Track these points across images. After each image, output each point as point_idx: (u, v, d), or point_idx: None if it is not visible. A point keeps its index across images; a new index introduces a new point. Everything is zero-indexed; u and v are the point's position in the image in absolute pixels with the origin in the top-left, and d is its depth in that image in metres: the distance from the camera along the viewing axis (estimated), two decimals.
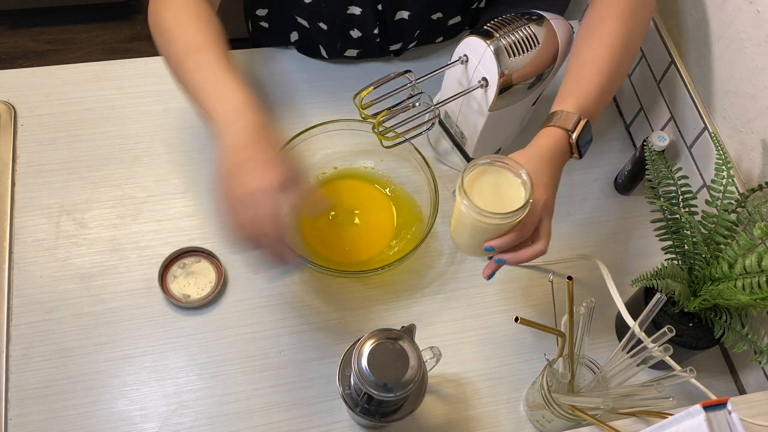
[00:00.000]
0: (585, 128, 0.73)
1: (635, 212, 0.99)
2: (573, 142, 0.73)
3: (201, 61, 0.72)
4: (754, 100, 0.81)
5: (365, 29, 0.99)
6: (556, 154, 0.73)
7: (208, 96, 0.70)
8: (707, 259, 0.77)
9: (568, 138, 0.73)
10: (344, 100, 1.01)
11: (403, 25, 1.00)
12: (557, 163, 0.74)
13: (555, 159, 0.73)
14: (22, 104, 0.98)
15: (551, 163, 0.73)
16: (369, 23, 0.98)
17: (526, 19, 0.81)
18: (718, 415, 0.53)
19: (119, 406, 0.78)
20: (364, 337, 0.67)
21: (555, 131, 0.74)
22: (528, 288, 0.91)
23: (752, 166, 0.83)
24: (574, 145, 0.73)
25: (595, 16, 0.79)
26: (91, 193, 0.92)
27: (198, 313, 0.85)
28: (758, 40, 0.78)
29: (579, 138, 0.73)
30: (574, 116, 0.73)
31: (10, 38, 1.95)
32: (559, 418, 0.73)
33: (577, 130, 0.73)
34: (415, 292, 0.89)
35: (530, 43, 0.80)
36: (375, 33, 1.00)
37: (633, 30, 0.77)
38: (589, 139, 0.75)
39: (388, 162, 0.95)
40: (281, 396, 0.81)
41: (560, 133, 0.73)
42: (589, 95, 0.75)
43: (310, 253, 0.88)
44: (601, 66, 0.75)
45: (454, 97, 0.83)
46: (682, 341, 0.79)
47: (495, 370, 0.85)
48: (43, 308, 0.83)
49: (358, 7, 0.95)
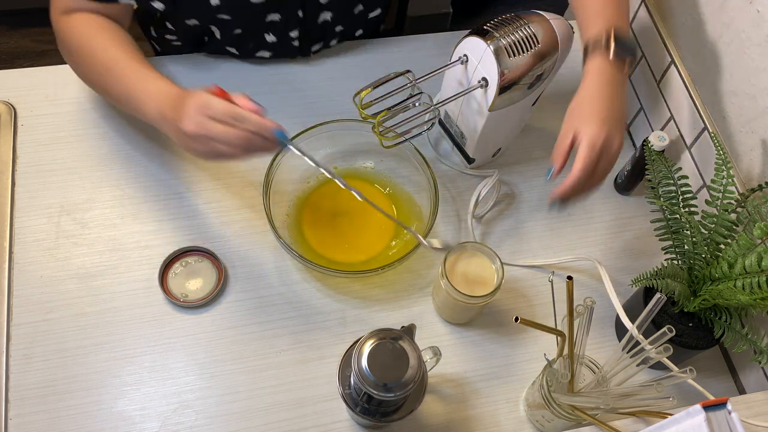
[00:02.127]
0: (618, 39, 0.73)
1: (635, 212, 0.99)
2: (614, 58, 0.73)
3: (118, 74, 0.80)
4: (754, 100, 0.81)
5: (283, 34, 0.99)
6: (604, 84, 0.73)
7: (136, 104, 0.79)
8: (707, 259, 0.77)
9: (608, 60, 0.73)
10: (345, 99, 1.01)
11: (326, 26, 1.01)
12: (612, 92, 0.73)
13: (606, 89, 0.73)
14: (22, 104, 0.98)
15: (603, 96, 0.72)
16: (289, 29, 0.98)
17: (526, 19, 0.81)
18: (718, 415, 0.53)
19: (119, 406, 0.79)
20: (364, 337, 0.67)
21: (594, 62, 0.73)
22: (528, 288, 0.91)
23: (752, 166, 0.83)
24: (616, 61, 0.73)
25: None
26: (91, 193, 0.92)
27: (198, 313, 0.85)
28: (758, 40, 0.78)
29: (618, 49, 0.72)
30: (602, 36, 0.73)
31: (10, 38, 1.95)
32: (559, 418, 0.73)
33: (612, 46, 0.72)
34: (415, 292, 0.89)
35: (530, 43, 0.80)
36: (293, 36, 0.99)
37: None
38: (629, 45, 0.74)
39: (388, 162, 0.95)
40: (281, 396, 0.81)
41: (600, 60, 0.73)
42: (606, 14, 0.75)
43: (310, 253, 0.88)
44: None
45: (454, 97, 0.83)
46: (682, 341, 0.79)
47: (495, 370, 0.85)
48: (43, 308, 0.83)
49: (277, 14, 0.95)
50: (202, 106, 0.70)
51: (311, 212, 0.92)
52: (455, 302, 0.80)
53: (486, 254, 0.81)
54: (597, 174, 0.73)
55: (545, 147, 1.02)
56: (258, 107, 0.71)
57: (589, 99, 0.73)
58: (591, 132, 0.70)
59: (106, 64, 0.81)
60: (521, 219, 0.96)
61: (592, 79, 0.73)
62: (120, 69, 0.80)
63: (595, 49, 0.74)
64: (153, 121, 0.78)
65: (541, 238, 0.95)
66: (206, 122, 0.70)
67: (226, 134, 0.70)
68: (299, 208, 0.92)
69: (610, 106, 0.72)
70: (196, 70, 1.03)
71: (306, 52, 1.04)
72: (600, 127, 0.70)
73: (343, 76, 1.06)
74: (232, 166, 0.95)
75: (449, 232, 0.94)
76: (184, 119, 0.71)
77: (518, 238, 0.94)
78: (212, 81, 1.01)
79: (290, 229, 0.90)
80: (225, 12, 0.91)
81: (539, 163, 1.01)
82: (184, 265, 0.87)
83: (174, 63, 1.03)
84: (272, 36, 0.99)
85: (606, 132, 0.71)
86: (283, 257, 0.89)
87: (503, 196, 0.98)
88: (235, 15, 0.93)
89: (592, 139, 0.70)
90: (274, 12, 0.94)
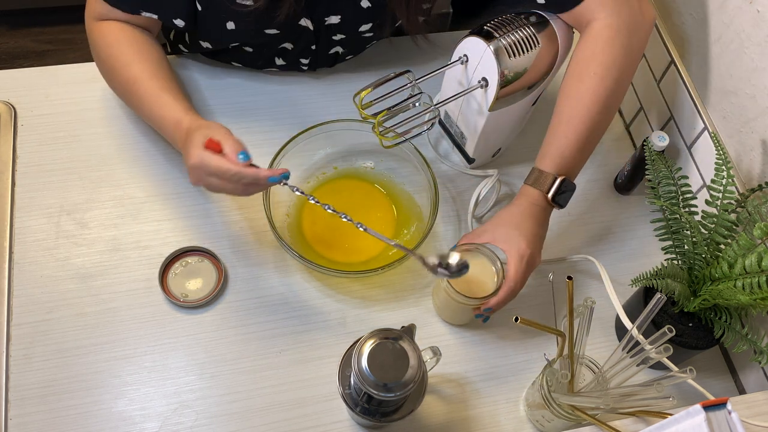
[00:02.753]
0: (561, 186, 0.79)
1: (635, 212, 0.99)
2: (549, 200, 0.79)
3: (142, 93, 0.84)
4: (754, 100, 0.81)
5: (294, 60, 1.00)
6: (536, 210, 0.79)
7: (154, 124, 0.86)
8: (707, 259, 0.77)
9: (546, 198, 0.79)
10: (345, 99, 1.01)
11: (337, 56, 1.02)
12: (540, 217, 0.80)
13: (537, 214, 0.79)
14: (22, 104, 0.98)
15: (533, 218, 0.79)
16: (300, 56, 0.99)
17: (526, 19, 0.81)
18: (718, 415, 0.53)
19: (119, 406, 0.79)
20: (364, 337, 0.67)
21: (533, 191, 0.80)
22: (528, 288, 0.91)
23: (752, 166, 0.83)
24: (551, 203, 0.79)
25: (576, 69, 0.80)
26: (91, 193, 0.92)
27: (198, 313, 0.85)
28: (758, 40, 0.78)
29: (555, 196, 0.79)
30: (550, 176, 0.79)
31: (10, 38, 1.95)
32: (559, 418, 0.73)
33: (552, 189, 0.78)
34: (415, 292, 0.89)
35: (530, 43, 0.80)
36: (303, 62, 1.01)
37: (613, 84, 0.79)
38: (569, 191, 0.80)
39: (388, 162, 0.95)
40: (281, 396, 0.81)
41: (537, 193, 0.79)
42: (565, 154, 0.79)
43: (310, 253, 0.88)
44: (577, 126, 0.79)
45: (454, 97, 0.83)
46: (682, 341, 0.79)
47: (495, 370, 0.85)
48: (43, 308, 0.83)
49: (290, 44, 0.96)
50: (197, 167, 0.74)
51: (311, 212, 0.92)
52: (455, 304, 0.79)
53: (486, 256, 0.80)
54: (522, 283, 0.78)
55: None
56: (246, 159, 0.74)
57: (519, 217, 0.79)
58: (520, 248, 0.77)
59: (128, 81, 0.85)
60: None
61: (524, 204, 0.80)
62: (139, 90, 0.84)
63: (539, 180, 0.79)
64: (170, 141, 0.85)
65: None
66: (205, 178, 0.75)
67: (225, 188, 0.75)
68: (299, 208, 0.92)
69: (536, 231, 0.79)
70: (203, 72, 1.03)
71: (313, 70, 1.05)
72: (527, 245, 0.77)
73: (344, 76, 1.05)
74: None
75: (449, 232, 0.94)
76: (188, 168, 0.76)
77: None
78: (218, 78, 1.02)
79: (290, 229, 0.90)
80: (240, 37, 0.91)
81: None
82: (184, 265, 0.87)
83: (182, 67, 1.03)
84: (282, 60, 1.00)
85: (531, 249, 0.77)
86: (283, 257, 0.89)
87: (503, 196, 0.98)
88: (249, 41, 0.94)
89: (520, 253, 0.77)
90: (288, 42, 0.95)
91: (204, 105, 1.00)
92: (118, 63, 0.85)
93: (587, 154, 0.82)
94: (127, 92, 0.87)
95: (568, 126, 0.79)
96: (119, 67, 0.85)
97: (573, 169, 0.81)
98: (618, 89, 0.80)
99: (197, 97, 1.01)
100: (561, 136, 0.79)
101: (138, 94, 0.85)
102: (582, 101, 0.78)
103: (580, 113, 0.78)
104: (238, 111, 1.00)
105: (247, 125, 0.99)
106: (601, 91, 0.78)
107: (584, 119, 0.78)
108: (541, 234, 0.80)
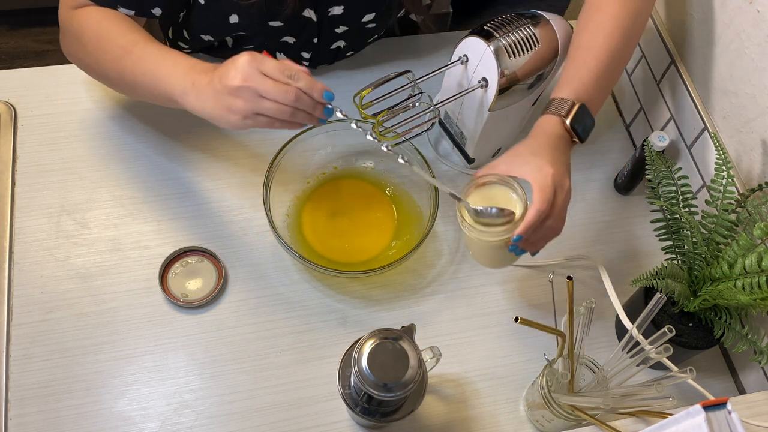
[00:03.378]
0: (580, 112, 0.73)
1: (635, 212, 0.99)
2: (568, 127, 0.73)
3: (138, 56, 0.76)
4: (754, 100, 0.81)
5: (296, 55, 0.99)
6: (554, 138, 0.73)
7: (159, 81, 0.75)
8: (707, 259, 0.77)
9: (563, 123, 0.73)
10: (345, 99, 1.01)
11: (338, 51, 1.01)
12: (560, 146, 0.73)
13: (555, 142, 0.73)
14: (22, 104, 0.98)
15: (552, 145, 0.72)
16: (302, 51, 0.98)
17: (526, 19, 0.81)
18: (718, 415, 0.53)
19: (119, 406, 0.79)
20: (364, 337, 0.67)
21: (550, 118, 0.74)
22: (528, 288, 0.91)
23: (752, 166, 0.83)
24: (570, 129, 0.73)
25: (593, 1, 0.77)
26: (91, 193, 0.92)
27: (198, 313, 0.85)
28: (758, 40, 0.78)
29: (574, 122, 0.72)
30: (568, 102, 0.73)
31: (10, 38, 1.95)
32: (559, 418, 0.73)
33: (571, 114, 0.73)
34: (415, 292, 0.89)
35: (530, 43, 0.80)
36: (305, 57, 1.00)
37: (634, 13, 0.76)
38: (589, 123, 0.74)
39: (388, 162, 0.95)
40: (281, 396, 0.81)
41: (555, 120, 0.73)
42: (584, 81, 0.75)
43: (310, 253, 0.88)
44: (598, 52, 0.75)
45: (454, 97, 0.83)
46: (682, 341, 0.79)
47: (495, 370, 0.85)
48: (43, 308, 0.83)
49: (293, 37, 0.95)
50: (254, 60, 0.67)
51: (311, 212, 0.92)
52: (486, 244, 0.73)
53: (504, 184, 0.73)
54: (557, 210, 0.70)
55: None
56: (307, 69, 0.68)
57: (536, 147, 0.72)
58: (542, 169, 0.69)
59: (126, 46, 0.78)
60: None
61: (540, 134, 0.73)
62: (141, 49, 0.77)
63: (555, 106, 0.74)
64: (177, 94, 0.73)
65: None
66: (257, 76, 0.67)
67: (276, 90, 0.67)
68: (299, 208, 0.92)
69: (557, 156, 0.71)
70: None
71: (313, 67, 1.05)
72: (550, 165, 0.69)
73: (343, 76, 1.06)
74: (232, 166, 0.95)
75: (449, 233, 0.94)
76: (231, 72, 0.68)
77: None
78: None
79: (290, 229, 0.90)
80: (242, 30, 0.91)
81: None
82: (184, 265, 0.87)
83: None
84: (283, 55, 0.99)
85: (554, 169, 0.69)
86: (283, 257, 0.89)
87: None
88: (252, 34, 0.93)
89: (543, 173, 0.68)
90: (290, 36, 0.94)
91: None
92: (110, 35, 0.79)
93: (608, 84, 0.77)
94: (121, 59, 0.78)
95: (588, 52, 0.75)
96: (112, 38, 0.79)
97: (593, 99, 0.75)
98: (638, 18, 0.76)
99: None
100: (580, 62, 0.75)
101: (137, 54, 0.77)
102: (601, 27, 0.75)
103: (599, 40, 0.75)
104: None
105: None
106: (622, 17, 0.75)
107: (604, 46, 0.75)
108: (564, 160, 0.72)
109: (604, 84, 0.76)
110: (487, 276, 0.91)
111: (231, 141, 0.98)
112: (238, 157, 0.96)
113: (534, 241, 0.72)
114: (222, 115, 0.70)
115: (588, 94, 0.75)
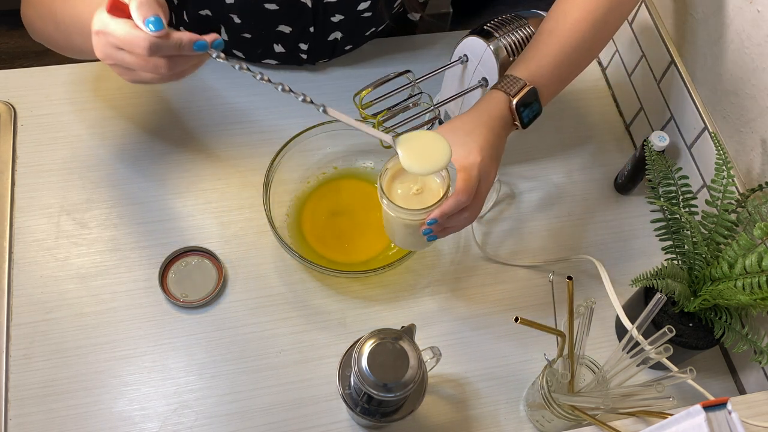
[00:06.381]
0: (528, 95, 0.71)
1: (635, 212, 0.99)
2: (513, 107, 0.70)
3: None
4: (754, 100, 0.81)
5: (293, 46, 0.99)
6: (495, 118, 0.71)
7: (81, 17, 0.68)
8: (707, 259, 0.77)
9: (509, 103, 0.71)
10: (345, 99, 1.01)
11: (336, 44, 1.01)
12: (497, 128, 0.71)
13: (494, 123, 0.70)
14: (22, 104, 0.98)
15: (489, 127, 0.70)
16: (298, 41, 0.98)
17: (526, 19, 0.81)
18: (718, 416, 0.53)
19: (119, 406, 0.78)
20: (364, 337, 0.67)
21: (497, 94, 0.72)
22: (528, 288, 0.91)
23: (752, 166, 0.83)
24: (515, 111, 0.71)
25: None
26: (91, 193, 0.92)
27: (198, 313, 0.85)
28: (758, 40, 0.78)
29: (521, 104, 0.70)
30: (520, 82, 0.71)
31: (10, 38, 1.95)
32: (559, 418, 0.73)
33: (519, 95, 0.70)
34: (415, 292, 0.89)
35: None
36: (302, 49, 0.99)
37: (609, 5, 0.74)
38: (536, 110, 0.72)
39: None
40: (281, 396, 0.81)
41: (501, 97, 0.71)
42: (542, 65, 0.73)
43: (310, 253, 0.88)
44: (562, 39, 0.73)
45: (454, 97, 0.83)
46: (682, 341, 0.79)
47: (495, 370, 0.85)
48: (43, 308, 0.83)
49: (289, 26, 0.94)
50: (100, 33, 0.59)
51: (311, 212, 0.92)
52: (401, 222, 0.70)
53: None
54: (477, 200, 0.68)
55: (545, 147, 1.02)
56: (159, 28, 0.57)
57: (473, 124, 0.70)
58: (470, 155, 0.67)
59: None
60: (521, 219, 0.96)
61: (483, 109, 0.71)
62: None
63: (506, 83, 0.71)
64: None
65: (541, 238, 0.95)
66: (114, 53, 0.60)
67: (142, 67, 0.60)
68: (299, 208, 0.92)
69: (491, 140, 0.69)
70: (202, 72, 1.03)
71: (312, 62, 1.04)
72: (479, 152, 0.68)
73: (343, 76, 1.06)
74: (232, 166, 0.95)
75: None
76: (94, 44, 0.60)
77: (518, 238, 0.94)
78: (217, 77, 1.02)
79: (290, 229, 0.90)
80: (236, 11, 0.90)
81: (539, 163, 1.01)
82: (184, 265, 0.87)
83: None
84: (281, 47, 0.99)
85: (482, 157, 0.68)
86: (283, 257, 0.89)
87: (503, 196, 0.98)
88: (247, 17, 0.92)
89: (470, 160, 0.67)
90: (285, 24, 0.94)
91: (202, 105, 1.00)
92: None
93: (568, 74, 0.75)
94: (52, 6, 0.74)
95: (550, 37, 0.73)
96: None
97: (546, 85, 0.73)
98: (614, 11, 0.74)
99: (195, 98, 1.01)
100: (542, 46, 0.73)
101: None
102: (569, 16, 0.73)
103: (565, 27, 0.73)
104: (237, 111, 1.00)
105: (245, 125, 0.99)
106: (593, 7, 0.73)
107: (569, 33, 0.73)
108: (497, 144, 0.70)
109: (563, 73, 0.74)
110: (487, 276, 0.91)
111: (231, 141, 0.98)
112: (238, 157, 0.96)
113: (447, 228, 0.69)
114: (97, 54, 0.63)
115: (543, 79, 0.73)
